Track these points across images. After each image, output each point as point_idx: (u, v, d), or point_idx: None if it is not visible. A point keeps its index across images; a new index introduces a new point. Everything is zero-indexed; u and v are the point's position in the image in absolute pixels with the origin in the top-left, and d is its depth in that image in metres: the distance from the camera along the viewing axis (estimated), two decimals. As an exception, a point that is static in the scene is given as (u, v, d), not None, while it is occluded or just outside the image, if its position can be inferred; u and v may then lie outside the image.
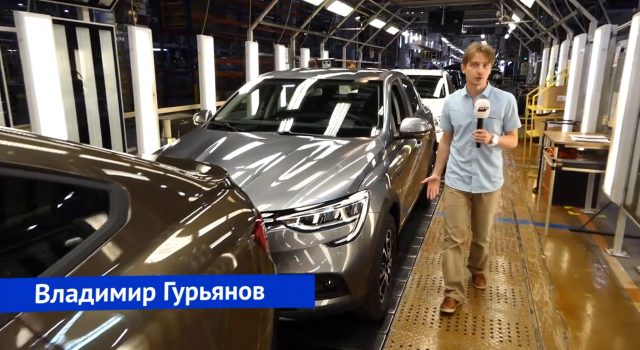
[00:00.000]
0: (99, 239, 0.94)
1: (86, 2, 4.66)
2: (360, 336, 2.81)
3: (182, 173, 1.36)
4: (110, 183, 1.02)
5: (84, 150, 1.07)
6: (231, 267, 1.27)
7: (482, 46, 2.70)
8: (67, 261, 0.87)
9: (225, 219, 1.37)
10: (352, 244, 2.54)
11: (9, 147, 0.88)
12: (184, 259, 1.13)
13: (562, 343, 2.74)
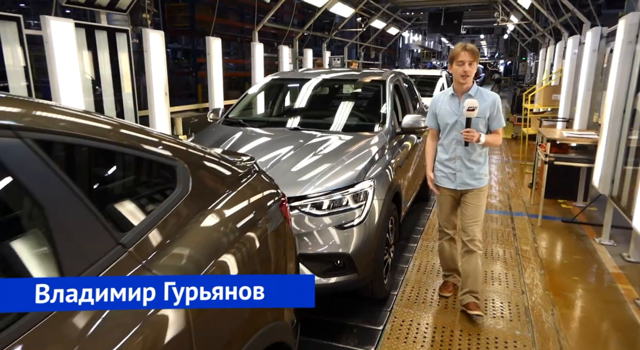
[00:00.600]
0: (174, 201, 1.20)
1: (104, 6, 4.92)
2: (366, 313, 3.09)
3: (222, 156, 1.63)
4: (177, 161, 1.29)
5: (160, 135, 1.34)
6: (265, 232, 1.54)
7: (467, 45, 2.75)
8: (153, 216, 1.13)
9: (258, 195, 1.64)
10: (358, 228, 2.81)
11: (126, 134, 1.16)
12: (230, 223, 1.40)
13: (550, 319, 3.01)
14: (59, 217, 0.89)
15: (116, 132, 1.16)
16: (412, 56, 34.04)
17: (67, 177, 0.93)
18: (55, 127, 0.98)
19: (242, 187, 1.58)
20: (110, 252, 0.97)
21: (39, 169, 0.89)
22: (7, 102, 0.96)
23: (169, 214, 1.16)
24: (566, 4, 6.77)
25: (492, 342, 2.74)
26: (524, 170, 7.41)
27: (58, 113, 1.05)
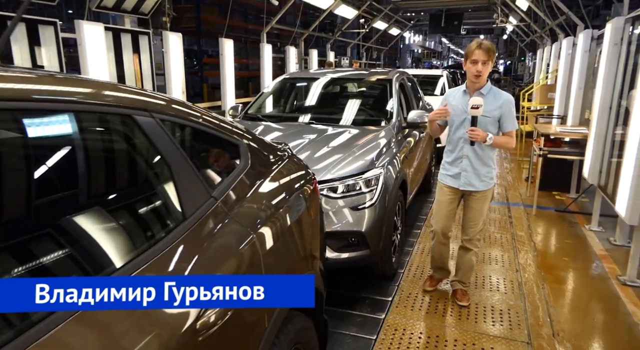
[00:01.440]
0: (240, 171, 1.56)
1: (129, 10, 5.29)
2: (376, 287, 3.45)
3: (265, 141, 2.00)
4: (239, 140, 1.66)
5: (229, 122, 1.71)
6: (302, 202, 1.90)
7: (482, 43, 2.66)
8: (229, 180, 1.49)
9: (295, 172, 2.01)
10: (370, 209, 3.17)
11: (210, 119, 1.53)
12: (275, 192, 1.77)
13: (540, 292, 3.37)
14: (179, 173, 1.25)
15: (204, 117, 1.53)
16: (412, 56, 34.44)
17: (180, 146, 1.30)
18: (171, 112, 1.35)
19: (283, 164, 1.95)
20: (207, 201, 1.34)
21: (165, 139, 1.25)
22: (142, 94, 1.32)
23: (237, 180, 1.52)
24: (561, 7, 7.14)
25: (488, 311, 3.10)
26: (521, 166, 7.78)
27: (171, 102, 1.42)
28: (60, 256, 0.97)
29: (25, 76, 1.07)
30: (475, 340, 2.75)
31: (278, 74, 9.25)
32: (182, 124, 1.37)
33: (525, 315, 3.04)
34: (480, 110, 2.62)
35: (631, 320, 3.01)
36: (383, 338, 2.79)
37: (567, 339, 2.79)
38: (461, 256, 3.09)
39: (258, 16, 18.13)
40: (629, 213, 3.40)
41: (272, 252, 1.52)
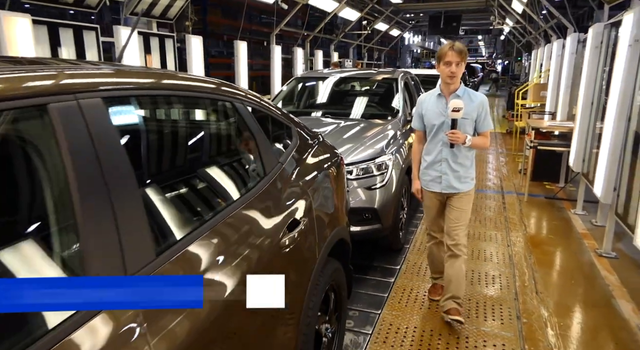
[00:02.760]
0: (292, 147, 2.09)
1: (157, 16, 5.82)
2: (386, 258, 3.99)
3: (306, 126, 2.53)
4: (291, 124, 2.18)
5: (284, 111, 2.25)
6: (333, 171, 2.44)
7: (454, 45, 2.63)
8: (287, 153, 2.01)
9: (327, 151, 2.54)
10: (381, 190, 3.71)
11: (274, 108, 2.07)
12: (315, 163, 2.30)
13: (527, 262, 3.90)
14: (261, 144, 1.77)
15: (269, 106, 2.06)
16: (412, 56, 35.03)
17: (259, 125, 1.83)
18: (251, 100, 1.89)
19: (318, 145, 2.48)
20: (277, 165, 1.86)
21: (251, 119, 1.77)
22: (234, 87, 1.84)
23: (292, 154, 2.05)
24: (552, 11, 7.67)
25: (482, 276, 3.63)
26: (515, 160, 8.31)
27: (249, 94, 1.95)
28: (210, 188, 1.52)
29: (178, 75, 1.60)
30: (471, 297, 3.28)
31: (285, 73, 9.79)
32: (257, 109, 1.90)
33: (513, 279, 3.57)
34: (461, 113, 2.60)
35: (602, 282, 3.54)
36: (394, 296, 3.33)
37: (548, 295, 3.33)
38: (450, 265, 2.90)
39: (260, 17, 18.65)
40: (604, 193, 3.93)
41: (319, 201, 2.07)
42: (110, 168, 1.04)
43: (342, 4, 11.01)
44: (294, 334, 1.78)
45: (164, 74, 1.55)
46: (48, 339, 0.84)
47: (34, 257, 0.94)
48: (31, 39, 4.07)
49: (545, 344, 2.74)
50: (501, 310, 3.12)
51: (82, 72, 1.17)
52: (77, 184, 0.95)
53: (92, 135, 1.02)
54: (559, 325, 2.95)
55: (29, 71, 1.02)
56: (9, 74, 0.94)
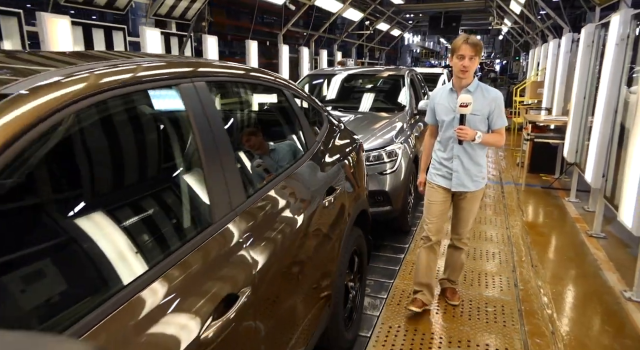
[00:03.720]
0: (324, 131, 2.47)
1: (177, 17, 6.20)
2: (395, 238, 4.37)
3: (332, 114, 2.91)
4: (323, 111, 2.57)
5: (316, 100, 2.64)
6: (355, 158, 2.82)
7: (469, 38, 2.53)
8: (320, 134, 2.40)
9: (349, 138, 2.92)
10: (391, 175, 4.09)
11: (309, 97, 2.46)
12: (342, 144, 2.67)
13: (524, 241, 4.29)
14: (303, 124, 2.16)
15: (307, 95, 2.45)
16: (412, 56, 35.46)
17: (300, 109, 2.21)
18: (294, 89, 2.27)
19: (342, 130, 2.86)
20: (315, 142, 2.25)
21: (295, 104, 2.16)
22: (281, 78, 2.23)
23: (324, 136, 2.44)
24: (549, 12, 8.07)
25: (483, 253, 4.02)
26: (514, 154, 8.70)
27: (291, 84, 2.33)
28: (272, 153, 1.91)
29: (238, 66, 1.99)
30: (473, 269, 3.67)
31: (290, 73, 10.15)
32: (298, 97, 2.29)
33: (511, 255, 3.96)
34: (470, 108, 2.52)
35: (592, 257, 3.93)
36: (404, 268, 3.71)
37: (542, 268, 3.72)
38: (451, 254, 2.98)
39: (263, 18, 19.04)
40: (594, 179, 4.32)
41: (348, 172, 2.48)
42: (215, 129, 1.42)
43: (346, 5, 11.39)
44: (330, 287, 2.16)
45: (241, 67, 1.94)
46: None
47: (181, 188, 1.36)
48: (70, 38, 4.44)
49: (539, 305, 3.12)
50: (500, 280, 3.50)
51: (194, 62, 1.56)
52: (199, 137, 1.34)
53: (203, 106, 1.40)
54: (552, 291, 3.34)
55: (165, 63, 1.40)
56: (154, 64, 1.32)
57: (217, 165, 1.38)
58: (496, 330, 2.81)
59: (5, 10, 3.99)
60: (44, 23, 4.18)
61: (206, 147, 1.35)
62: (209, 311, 1.14)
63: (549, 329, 2.84)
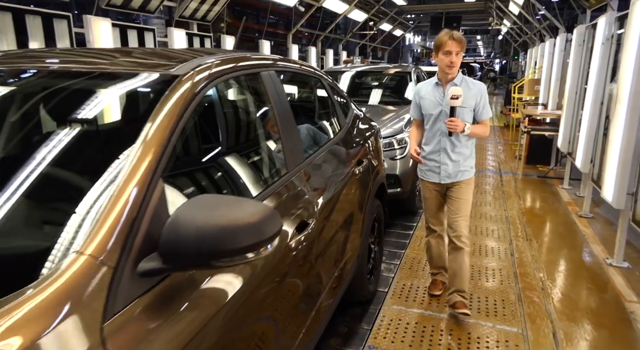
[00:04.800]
0: (350, 114, 2.96)
1: (199, 19, 6.68)
2: (405, 218, 4.86)
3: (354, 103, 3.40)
4: (348, 99, 3.06)
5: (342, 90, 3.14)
6: (374, 140, 3.30)
7: (453, 34, 2.57)
8: (349, 118, 2.87)
9: (368, 124, 3.41)
10: (401, 160, 4.58)
11: (340, 88, 2.95)
12: (364, 127, 3.15)
13: (520, 220, 4.77)
14: (336, 109, 2.65)
15: (338, 86, 2.95)
16: (413, 55, 35.99)
17: (334, 95, 2.70)
18: (329, 80, 2.76)
19: (363, 117, 3.35)
20: (345, 123, 2.74)
21: (330, 92, 2.65)
22: (317, 70, 2.71)
23: (351, 120, 2.92)
24: (545, 14, 8.56)
25: (484, 230, 4.50)
26: (512, 148, 9.19)
27: (326, 76, 2.81)
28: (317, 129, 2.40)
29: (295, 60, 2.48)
30: (474, 243, 4.15)
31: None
32: (331, 86, 2.78)
33: (509, 231, 4.44)
34: (460, 100, 2.57)
35: (580, 233, 4.42)
36: (413, 241, 4.19)
37: (536, 241, 4.20)
38: (454, 258, 2.87)
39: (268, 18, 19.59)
40: (583, 164, 4.81)
41: (370, 152, 2.97)
42: (286, 105, 1.91)
43: (352, 6, 11.87)
44: (359, 241, 2.64)
45: (296, 61, 2.42)
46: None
47: (268, 144, 1.91)
48: (111, 38, 4.92)
49: (532, 269, 3.60)
50: (499, 250, 3.99)
51: (268, 56, 2.07)
52: (277, 110, 1.84)
53: (276, 89, 1.89)
54: (543, 259, 3.82)
55: (251, 56, 1.89)
56: (249, 56, 1.82)
57: (288, 132, 1.87)
58: (494, 287, 3.30)
59: (58, 14, 4.47)
60: (89, 25, 4.66)
61: (281, 118, 1.85)
62: (293, 229, 1.63)
63: (540, 286, 3.32)
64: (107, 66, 1.47)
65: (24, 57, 1.65)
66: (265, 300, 1.41)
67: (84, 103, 1.30)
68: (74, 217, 0.98)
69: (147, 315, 0.96)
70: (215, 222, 0.97)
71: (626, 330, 2.81)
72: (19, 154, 1.35)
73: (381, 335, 2.71)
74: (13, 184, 1.05)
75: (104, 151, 1.23)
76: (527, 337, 2.69)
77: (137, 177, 1.05)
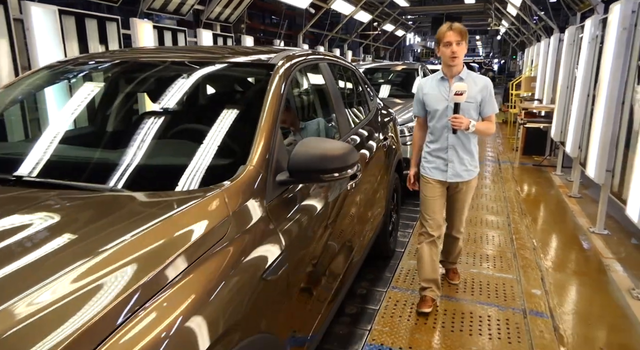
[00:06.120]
0: (374, 102, 3.57)
1: (223, 20, 7.29)
2: (414, 198, 5.46)
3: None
4: (373, 91, 3.67)
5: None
6: (392, 125, 3.91)
7: (452, 25, 2.52)
8: (374, 104, 3.48)
9: (387, 111, 4.02)
10: (411, 145, 5.19)
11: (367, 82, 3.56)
12: (383, 114, 3.77)
13: (517, 200, 5.39)
14: (366, 94, 3.26)
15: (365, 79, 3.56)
16: (414, 55, 36.65)
17: (365, 84, 3.31)
18: (357, 71, 3.38)
19: (382, 106, 3.97)
20: (372, 111, 3.35)
21: (360, 82, 3.25)
22: (350, 63, 3.32)
23: (376, 109, 3.54)
24: (540, 16, 9.18)
25: (484, 206, 5.11)
26: (510, 141, 9.81)
27: (357, 68, 3.43)
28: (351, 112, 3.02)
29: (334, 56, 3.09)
30: (476, 217, 4.76)
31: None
32: (360, 77, 3.39)
33: (506, 209, 5.06)
34: (464, 96, 2.48)
35: (569, 210, 5.04)
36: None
37: (529, 215, 4.82)
38: (450, 243, 3.05)
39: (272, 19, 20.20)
40: (572, 150, 5.43)
41: (390, 134, 3.57)
42: (336, 88, 2.53)
43: (358, 8, 12.49)
44: (383, 206, 3.25)
45: (337, 56, 3.02)
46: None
47: (329, 115, 2.51)
48: (152, 38, 5.52)
49: (526, 235, 4.21)
50: (497, 222, 4.60)
51: (321, 52, 2.69)
52: (332, 91, 2.46)
53: (330, 76, 2.52)
54: (536, 228, 4.44)
55: (312, 51, 2.50)
56: (311, 51, 2.43)
57: (339, 109, 2.49)
58: (494, 248, 3.91)
59: (109, 17, 5.08)
60: (135, 27, 5.27)
61: (334, 97, 2.47)
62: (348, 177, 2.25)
63: (532, 247, 3.94)
64: (231, 57, 2.11)
65: (148, 52, 2.28)
66: (335, 220, 2.03)
67: (227, 78, 1.96)
68: (245, 148, 1.60)
69: (281, 205, 1.58)
70: (318, 152, 1.58)
71: (602, 277, 3.43)
72: (201, 111, 2.17)
73: (401, 280, 3.33)
74: (211, 131, 1.73)
75: (244, 110, 1.84)
76: (520, 281, 3.31)
77: (268, 127, 1.66)
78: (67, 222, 1.19)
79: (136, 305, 0.94)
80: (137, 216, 1.24)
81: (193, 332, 1.01)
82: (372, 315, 2.89)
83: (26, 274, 0.95)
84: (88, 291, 0.92)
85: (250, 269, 1.29)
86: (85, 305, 0.89)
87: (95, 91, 2.11)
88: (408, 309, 2.92)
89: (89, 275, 0.96)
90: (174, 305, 1.01)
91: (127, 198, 1.36)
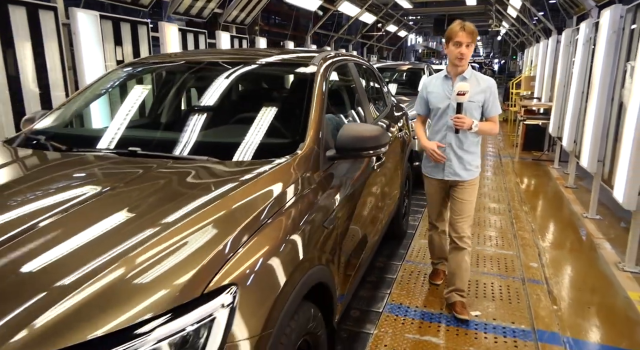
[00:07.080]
0: (389, 98, 4.00)
1: (238, 22, 7.72)
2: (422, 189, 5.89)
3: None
4: (387, 88, 4.09)
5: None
6: (405, 119, 4.33)
7: (465, 25, 2.50)
8: (389, 100, 3.91)
9: (399, 106, 4.45)
10: (420, 140, 5.62)
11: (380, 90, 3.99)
12: (397, 108, 4.19)
13: (517, 190, 5.81)
14: (383, 90, 3.69)
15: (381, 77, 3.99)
16: (415, 55, 37.07)
17: (382, 82, 3.75)
18: (374, 69, 3.80)
19: (396, 102, 4.39)
20: (388, 106, 3.78)
21: (379, 79, 3.68)
22: (367, 61, 3.75)
23: (391, 104, 3.96)
24: (540, 17, 9.60)
25: (486, 195, 5.53)
26: (510, 138, 10.24)
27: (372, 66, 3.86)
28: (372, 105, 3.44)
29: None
30: (479, 203, 5.18)
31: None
32: (377, 74, 3.82)
33: (507, 197, 5.48)
34: (467, 96, 2.49)
35: (565, 197, 5.46)
36: (431, 203, 5.23)
37: (528, 201, 5.25)
38: (454, 257, 2.85)
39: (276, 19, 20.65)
40: (568, 143, 5.85)
41: (405, 125, 4.01)
42: (362, 84, 2.96)
43: (363, 10, 12.91)
44: (398, 190, 3.67)
45: (360, 57, 3.45)
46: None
47: (358, 109, 2.94)
48: (177, 40, 5.95)
49: (525, 219, 4.64)
50: (499, 209, 5.03)
51: (347, 53, 3.13)
52: (360, 88, 2.90)
53: (357, 74, 2.95)
54: (534, 214, 4.86)
55: (341, 53, 2.93)
56: (339, 52, 2.87)
57: (364, 102, 2.92)
58: (496, 230, 4.34)
59: (140, 20, 5.51)
60: (163, 30, 5.69)
61: (360, 93, 2.90)
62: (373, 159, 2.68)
63: (530, 229, 4.36)
64: (283, 58, 2.57)
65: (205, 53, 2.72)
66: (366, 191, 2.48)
67: (282, 76, 2.43)
68: (302, 130, 2.02)
69: (330, 175, 2.02)
70: (358, 134, 2.00)
71: (592, 253, 3.85)
72: (267, 101, 2.60)
73: (414, 255, 3.75)
74: (278, 116, 2.20)
75: (298, 101, 2.26)
76: (520, 257, 3.73)
77: (318, 114, 2.08)
78: (189, 179, 1.67)
79: (244, 235, 1.36)
80: (233, 176, 1.67)
81: (285, 258, 1.44)
82: (390, 282, 3.31)
83: (179, 206, 1.42)
84: (217, 224, 1.37)
85: (316, 217, 1.72)
86: (217, 233, 1.33)
87: (180, 85, 2.59)
88: (421, 278, 3.35)
89: (213, 214, 1.40)
90: (271, 238, 1.43)
91: (223, 164, 1.80)
